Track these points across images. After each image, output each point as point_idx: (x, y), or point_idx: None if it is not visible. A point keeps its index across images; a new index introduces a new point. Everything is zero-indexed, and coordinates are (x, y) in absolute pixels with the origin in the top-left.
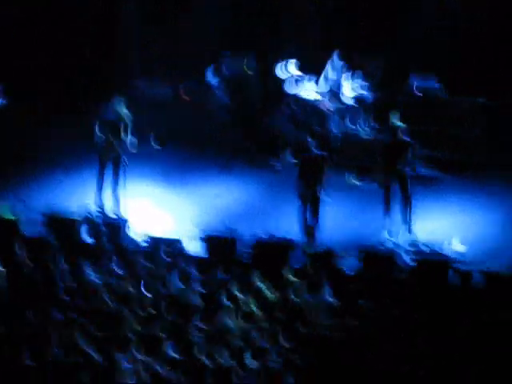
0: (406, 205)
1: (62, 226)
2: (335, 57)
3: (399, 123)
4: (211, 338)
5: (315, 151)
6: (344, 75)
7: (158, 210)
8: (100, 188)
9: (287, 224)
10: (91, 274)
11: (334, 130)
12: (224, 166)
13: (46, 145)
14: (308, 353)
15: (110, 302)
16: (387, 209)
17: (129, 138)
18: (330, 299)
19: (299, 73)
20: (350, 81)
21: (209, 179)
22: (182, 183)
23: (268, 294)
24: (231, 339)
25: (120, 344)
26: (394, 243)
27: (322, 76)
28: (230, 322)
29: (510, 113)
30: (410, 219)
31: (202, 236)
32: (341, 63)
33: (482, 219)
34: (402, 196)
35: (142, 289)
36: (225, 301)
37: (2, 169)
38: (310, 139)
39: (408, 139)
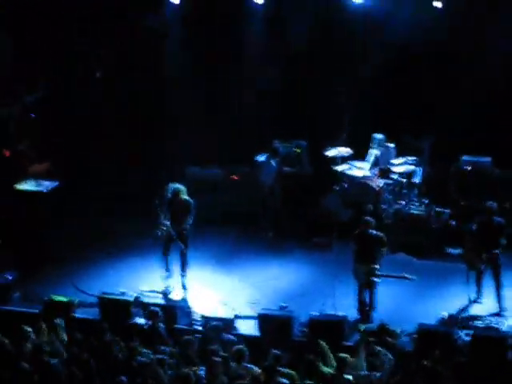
0: (498, 286)
1: (115, 308)
2: (379, 136)
3: (493, 203)
4: None
5: (371, 224)
6: (390, 150)
7: (213, 291)
8: (165, 270)
9: (342, 303)
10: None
11: (386, 208)
12: (279, 247)
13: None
14: None
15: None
16: (478, 291)
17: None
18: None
19: (349, 151)
20: (400, 158)
21: (264, 261)
22: (237, 265)
23: (325, 370)
24: None
25: None
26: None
27: (371, 154)
28: None
29: None
30: (501, 302)
31: (258, 316)
32: (384, 141)
33: None
34: (494, 277)
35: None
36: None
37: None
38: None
39: (502, 220)
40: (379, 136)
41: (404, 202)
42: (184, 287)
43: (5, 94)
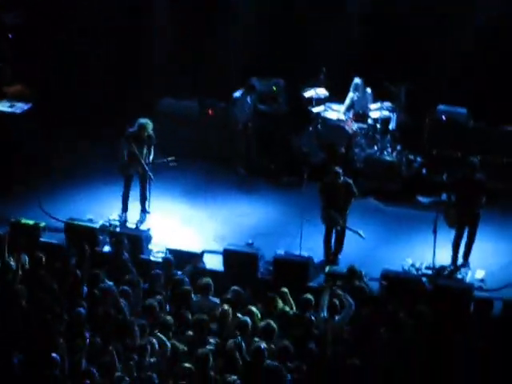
0: (470, 243)
1: (81, 234)
2: (357, 80)
3: (476, 159)
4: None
5: (340, 175)
6: (367, 96)
7: (181, 225)
8: (125, 201)
9: (309, 245)
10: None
11: (358, 152)
12: (249, 185)
13: (74, 156)
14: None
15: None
16: (456, 247)
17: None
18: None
19: (326, 93)
20: (376, 103)
21: (233, 197)
22: (206, 200)
23: (287, 310)
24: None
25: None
26: (418, 270)
27: (348, 98)
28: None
29: None
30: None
31: (223, 251)
32: (366, 87)
33: (504, 247)
34: (469, 233)
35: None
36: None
37: (28, 176)
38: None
39: (483, 176)
40: (357, 80)
41: (376, 148)
42: (143, 219)
43: None
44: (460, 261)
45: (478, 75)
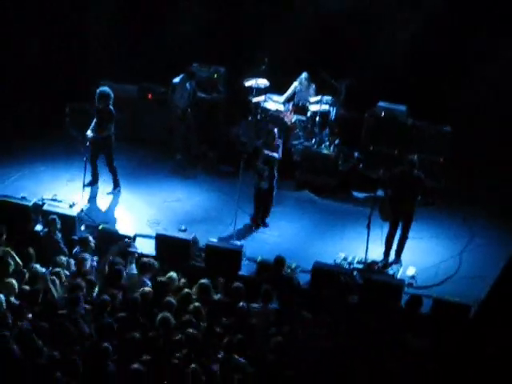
0: (403, 239)
1: (13, 212)
2: (303, 74)
3: (415, 157)
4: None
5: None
6: (310, 90)
7: (115, 207)
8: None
9: (242, 233)
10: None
11: (296, 144)
12: (186, 171)
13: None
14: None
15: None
16: (389, 243)
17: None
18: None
19: (266, 84)
20: (316, 96)
21: (169, 183)
22: (141, 184)
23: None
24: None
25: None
26: (349, 264)
27: (289, 90)
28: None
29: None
30: (400, 252)
31: (156, 236)
32: (307, 80)
33: (437, 246)
34: (403, 229)
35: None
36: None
37: None
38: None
39: (421, 174)
40: (304, 74)
41: (314, 141)
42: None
43: None
44: (392, 257)
45: (419, 73)
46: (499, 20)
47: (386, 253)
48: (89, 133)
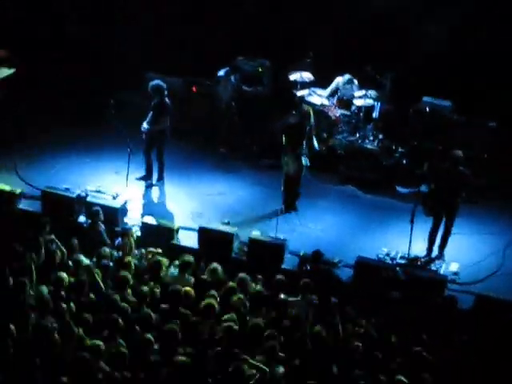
0: (446, 234)
1: (57, 203)
2: (346, 76)
3: (460, 152)
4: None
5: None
6: (355, 86)
7: (158, 200)
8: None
9: (284, 228)
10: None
11: (340, 138)
12: (229, 164)
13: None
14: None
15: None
16: (432, 238)
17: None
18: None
19: (311, 78)
20: (360, 91)
21: (212, 176)
22: (184, 177)
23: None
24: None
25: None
26: (392, 259)
27: (333, 83)
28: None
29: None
30: (443, 247)
31: (198, 229)
32: (350, 82)
33: (480, 242)
34: (446, 224)
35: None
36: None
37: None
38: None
39: (466, 170)
40: (346, 76)
41: (358, 135)
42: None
43: None
44: (435, 252)
45: (465, 70)
46: None
47: (429, 248)
48: (144, 125)
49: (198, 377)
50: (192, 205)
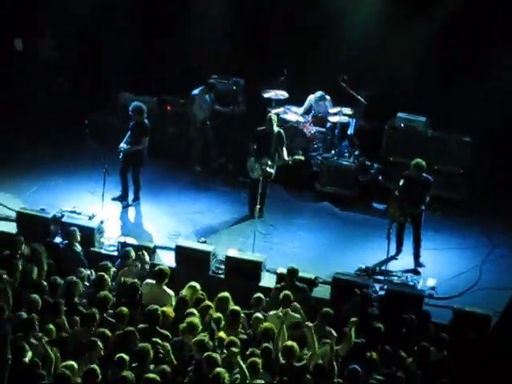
0: (417, 244)
1: (33, 224)
2: (318, 94)
3: (423, 160)
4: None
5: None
6: (328, 102)
7: (135, 219)
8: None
9: (261, 245)
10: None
11: (315, 155)
12: (205, 183)
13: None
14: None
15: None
16: (397, 246)
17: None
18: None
19: (285, 95)
20: (335, 107)
21: (188, 195)
22: (161, 196)
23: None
24: None
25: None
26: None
27: (307, 101)
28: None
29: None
30: (417, 260)
31: (175, 248)
32: (322, 99)
33: (457, 257)
34: (414, 234)
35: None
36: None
37: None
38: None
39: (429, 177)
40: (318, 93)
41: (334, 152)
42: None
43: None
44: (411, 266)
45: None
46: None
47: (398, 248)
48: (123, 145)
49: None
50: (169, 224)
